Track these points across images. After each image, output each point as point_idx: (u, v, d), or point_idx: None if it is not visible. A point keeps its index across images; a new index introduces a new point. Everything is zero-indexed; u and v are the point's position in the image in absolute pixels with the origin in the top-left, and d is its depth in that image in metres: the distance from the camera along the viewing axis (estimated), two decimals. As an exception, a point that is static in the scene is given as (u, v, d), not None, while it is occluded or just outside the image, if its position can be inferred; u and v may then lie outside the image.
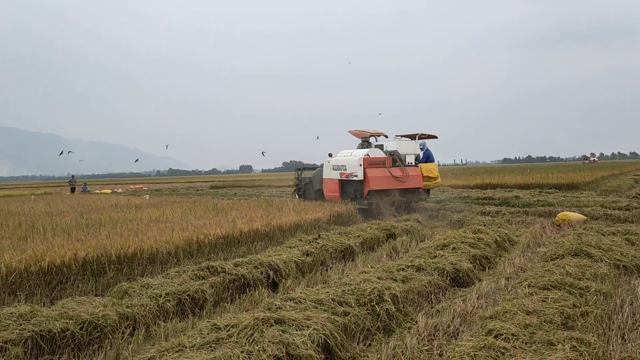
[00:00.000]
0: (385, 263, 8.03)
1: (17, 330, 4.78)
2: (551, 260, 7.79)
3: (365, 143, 17.79)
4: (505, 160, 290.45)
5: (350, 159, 16.65)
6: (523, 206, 16.73)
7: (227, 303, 6.69)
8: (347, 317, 5.28)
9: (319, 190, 18.71)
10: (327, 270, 8.55)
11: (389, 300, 5.94)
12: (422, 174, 17.07)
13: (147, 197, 24.64)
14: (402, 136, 18.05)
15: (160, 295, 6.22)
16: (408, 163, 16.86)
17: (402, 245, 10.42)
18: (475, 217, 14.35)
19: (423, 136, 18.39)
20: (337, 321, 5.09)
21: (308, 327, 4.73)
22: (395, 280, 6.78)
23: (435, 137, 18.91)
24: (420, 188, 17.17)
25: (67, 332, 5.01)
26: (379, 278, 6.68)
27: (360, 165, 16.00)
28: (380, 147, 17.18)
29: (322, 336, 4.67)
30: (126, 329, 5.43)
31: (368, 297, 5.87)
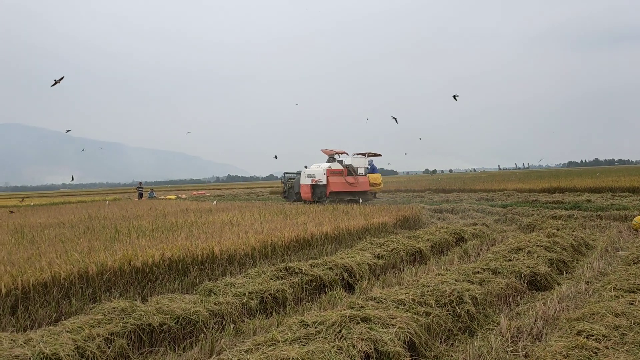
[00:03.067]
0: (459, 266, 8.03)
1: (121, 324, 5.15)
2: (634, 264, 7.58)
3: (331, 158, 24.34)
4: (571, 163, 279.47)
5: (318, 170, 23.46)
6: (596, 210, 16.21)
7: (307, 302, 6.90)
8: (429, 317, 5.36)
9: (298, 192, 25.15)
10: (400, 273, 8.63)
11: (469, 301, 5.98)
12: (369, 181, 23.95)
13: (215, 202, 25.36)
14: (357, 154, 24.57)
15: (244, 294, 6.50)
16: (359, 173, 23.67)
17: (473, 248, 10.35)
18: (546, 220, 14.02)
19: (371, 154, 25.39)
20: (420, 321, 5.18)
21: (393, 325, 4.85)
22: (472, 282, 6.80)
23: (379, 155, 25.88)
24: (368, 191, 23.98)
25: (164, 326, 5.36)
26: (456, 280, 6.72)
27: (324, 174, 22.81)
28: (341, 162, 23.82)
29: (407, 334, 4.78)
30: (216, 324, 5.74)
31: (448, 298, 5.93)
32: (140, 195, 45.37)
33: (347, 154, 24.54)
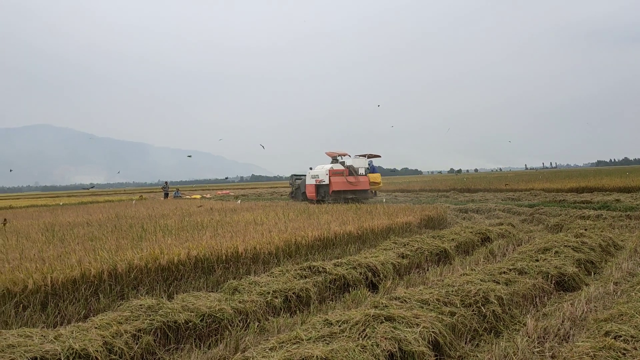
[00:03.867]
0: (484, 266, 7.95)
1: (148, 321, 5.24)
2: (665, 265, 7.40)
3: (334, 160, 25.72)
4: (600, 162, 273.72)
5: (321, 170, 25.03)
6: (625, 210, 15.85)
7: (331, 301, 6.91)
8: (454, 317, 5.32)
9: (304, 192, 26.59)
10: (424, 272, 8.58)
11: (495, 302, 5.92)
12: (369, 180, 25.60)
13: (239, 202, 25.56)
14: (358, 155, 26.15)
15: (268, 292, 6.55)
16: (360, 173, 25.17)
17: (499, 248, 10.24)
18: (574, 220, 13.78)
19: (371, 155, 27.10)
20: (445, 320, 5.14)
21: (417, 325, 4.83)
22: (498, 282, 6.73)
23: (379, 156, 27.76)
24: (368, 189, 25.63)
25: (190, 323, 5.42)
26: (481, 280, 6.66)
27: (327, 174, 24.28)
28: (343, 163, 25.25)
29: (432, 334, 4.75)
30: (241, 322, 5.78)
31: (473, 298, 5.88)
32: (166, 195, 45.94)
33: (349, 156, 26.15)
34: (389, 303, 5.57)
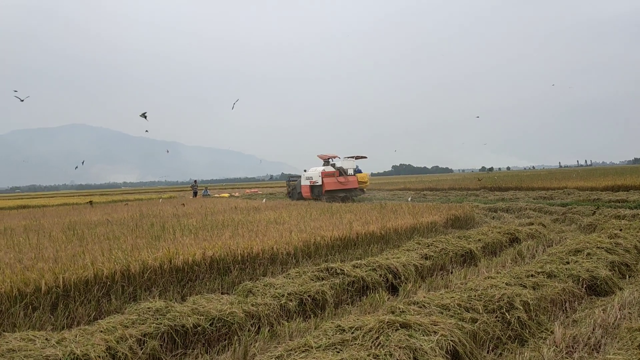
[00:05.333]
0: (511, 268, 7.57)
1: (154, 324, 5.07)
2: None
3: (325, 162, 28.84)
4: (637, 160, 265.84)
5: (314, 173, 27.97)
6: (664, 209, 15.13)
7: (348, 305, 6.66)
8: (475, 324, 5.01)
9: (299, 192, 29.57)
10: (447, 275, 8.24)
11: (520, 307, 5.57)
12: (357, 179, 28.82)
13: (264, 201, 25.51)
14: (346, 157, 29.27)
15: (283, 295, 6.32)
16: (349, 174, 28.26)
17: (528, 250, 9.80)
18: (609, 220, 13.17)
19: (359, 157, 30.34)
20: (465, 328, 4.84)
21: (435, 332, 4.53)
22: (524, 286, 6.37)
23: (365, 157, 30.78)
24: (357, 188, 28.69)
25: (198, 328, 5.24)
26: (506, 284, 6.31)
27: (320, 176, 27.17)
28: (333, 165, 28.32)
29: (450, 343, 4.45)
30: (252, 326, 5.58)
31: (497, 303, 5.55)
32: (195, 194, 46.30)
33: (339, 158, 29.22)
34: (407, 308, 5.30)
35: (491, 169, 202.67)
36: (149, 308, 5.43)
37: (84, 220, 15.37)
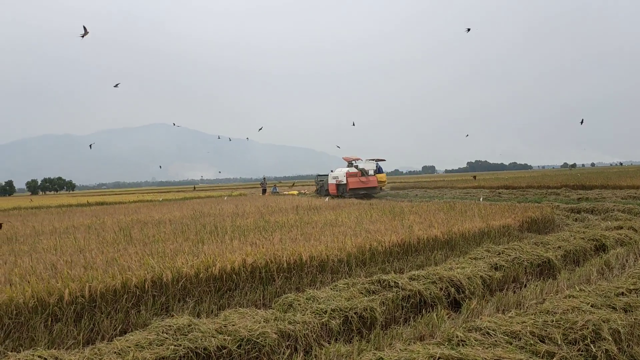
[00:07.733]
0: (598, 284, 6.41)
1: (173, 346, 4.46)
2: None
3: (349, 164, 34.10)
4: None
5: (340, 173, 33.39)
6: None
7: (399, 325, 5.80)
8: (551, 361, 4.05)
9: (327, 190, 35.25)
10: (520, 289, 7.17)
11: (609, 337, 4.53)
12: (377, 179, 33.79)
13: (327, 199, 24.91)
14: (368, 159, 34.98)
15: (326, 312, 5.56)
16: (370, 174, 33.22)
17: (617, 259, 8.50)
18: None
19: (378, 160, 36.11)
20: (539, 366, 3.90)
21: (499, 373, 3.63)
22: (614, 308, 5.29)
23: (384, 160, 37.05)
24: (376, 186, 33.39)
25: (223, 351, 4.58)
26: (592, 306, 5.25)
27: (345, 176, 32.27)
28: (356, 166, 33.49)
29: (518, 388, 3.54)
30: (286, 349, 4.86)
31: (580, 332, 4.53)
32: (264, 191, 46.40)
33: (362, 160, 34.99)
34: (466, 336, 4.41)
35: (574, 165, 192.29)
36: (169, 326, 4.83)
37: (142, 219, 15.30)
